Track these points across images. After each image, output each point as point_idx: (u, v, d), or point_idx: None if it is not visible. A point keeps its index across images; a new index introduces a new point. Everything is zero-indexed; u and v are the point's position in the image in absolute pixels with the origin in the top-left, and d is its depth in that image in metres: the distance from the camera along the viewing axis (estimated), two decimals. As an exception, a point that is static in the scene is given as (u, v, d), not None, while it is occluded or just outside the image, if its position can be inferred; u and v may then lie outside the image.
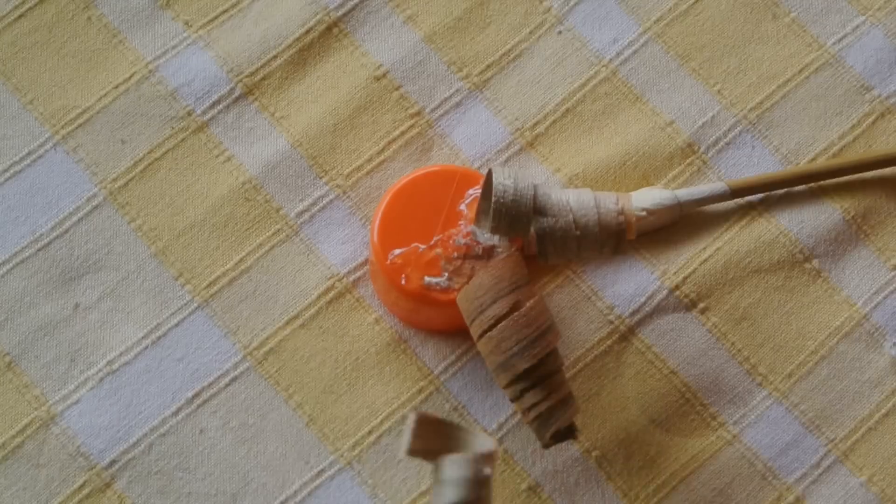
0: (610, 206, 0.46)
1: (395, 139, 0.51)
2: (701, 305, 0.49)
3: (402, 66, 0.52)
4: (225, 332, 0.48)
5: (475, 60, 0.52)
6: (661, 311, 0.49)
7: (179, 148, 0.50)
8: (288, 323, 0.48)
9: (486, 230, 0.45)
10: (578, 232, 0.45)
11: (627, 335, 0.48)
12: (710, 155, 0.51)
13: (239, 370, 0.48)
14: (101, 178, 0.50)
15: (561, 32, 0.52)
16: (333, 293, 0.49)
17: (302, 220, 0.50)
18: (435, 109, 0.51)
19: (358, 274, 0.49)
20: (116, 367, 0.48)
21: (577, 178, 0.50)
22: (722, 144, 0.51)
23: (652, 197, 0.48)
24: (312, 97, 0.51)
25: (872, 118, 0.51)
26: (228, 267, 0.49)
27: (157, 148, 0.50)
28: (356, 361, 0.48)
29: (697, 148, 0.51)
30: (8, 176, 0.50)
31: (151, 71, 0.51)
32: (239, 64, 0.51)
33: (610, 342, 0.48)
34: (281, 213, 0.50)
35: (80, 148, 0.50)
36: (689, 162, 0.51)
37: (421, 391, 0.48)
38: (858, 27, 0.52)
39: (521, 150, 0.51)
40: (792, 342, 0.48)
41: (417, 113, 0.51)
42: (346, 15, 0.52)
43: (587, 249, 0.46)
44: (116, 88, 0.51)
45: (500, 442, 0.47)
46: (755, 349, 0.48)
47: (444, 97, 0.51)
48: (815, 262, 0.49)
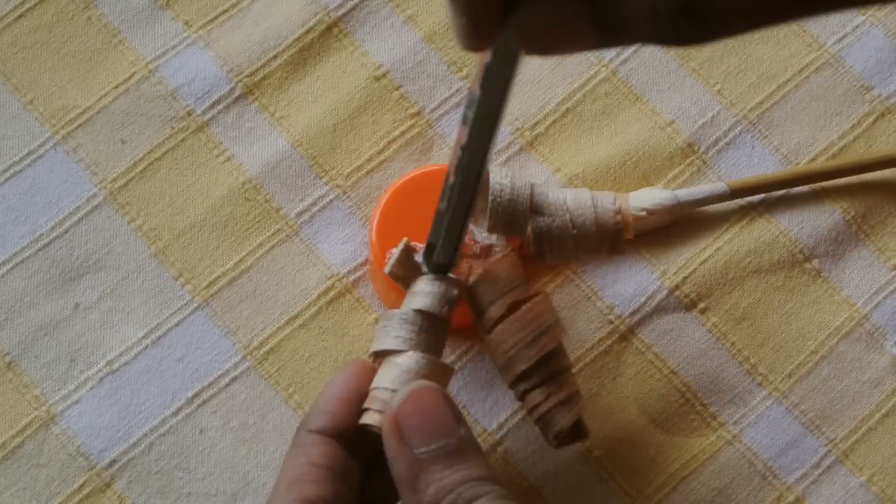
0: (607, 205, 0.46)
1: (395, 139, 0.51)
2: (701, 305, 0.49)
3: (402, 65, 0.52)
4: (225, 331, 0.48)
5: (475, 60, 0.52)
6: (661, 311, 0.49)
7: (179, 148, 0.50)
8: (288, 323, 0.48)
9: (483, 229, 0.45)
10: (575, 231, 0.45)
11: (627, 335, 0.48)
12: (710, 155, 0.51)
13: (239, 370, 0.48)
14: (101, 178, 0.50)
15: (561, 32, 0.52)
16: (333, 293, 0.49)
17: (302, 220, 0.50)
18: (435, 109, 0.51)
19: (358, 274, 0.49)
20: (116, 367, 0.48)
21: (577, 178, 0.50)
22: (722, 144, 0.51)
23: (652, 197, 0.48)
24: (312, 97, 0.51)
25: (872, 118, 0.51)
26: (228, 267, 0.49)
27: (157, 148, 0.50)
28: (356, 361, 0.48)
29: (697, 148, 0.51)
30: (8, 176, 0.50)
31: (151, 71, 0.51)
32: (239, 64, 0.51)
33: (610, 342, 0.48)
34: (281, 213, 0.50)
35: (80, 148, 0.50)
36: (689, 162, 0.51)
37: (421, 391, 0.48)
38: (858, 27, 0.52)
39: (521, 149, 0.51)
40: (792, 342, 0.48)
41: (417, 113, 0.51)
42: (346, 15, 0.52)
43: (584, 249, 0.46)
44: (116, 88, 0.51)
45: (499, 442, 0.47)
46: (755, 349, 0.48)
47: (444, 97, 0.51)
48: (815, 262, 0.49)
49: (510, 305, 0.43)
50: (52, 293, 0.48)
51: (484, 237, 0.46)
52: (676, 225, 0.50)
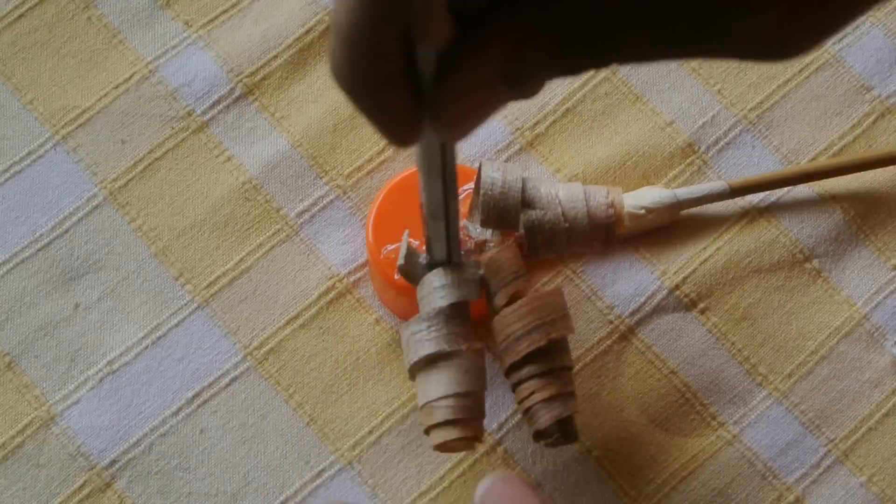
0: (600, 199, 0.46)
1: (395, 139, 0.51)
2: (701, 305, 0.49)
3: (402, 66, 0.51)
4: (225, 332, 0.48)
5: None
6: (661, 310, 0.49)
7: (179, 148, 0.50)
8: (288, 323, 0.48)
9: (478, 224, 0.46)
10: (567, 224, 0.45)
11: (627, 335, 0.48)
12: (710, 155, 0.51)
13: (239, 370, 0.48)
14: (101, 178, 0.50)
15: (561, 32, 0.52)
16: (334, 293, 0.49)
17: (302, 220, 0.50)
18: (435, 109, 0.51)
19: (358, 274, 0.49)
20: (116, 367, 0.48)
21: (576, 178, 0.50)
22: (722, 144, 0.51)
23: (651, 196, 0.48)
24: (312, 97, 0.51)
25: (872, 118, 0.51)
26: (228, 267, 0.49)
27: (157, 148, 0.50)
28: (356, 361, 0.48)
29: (697, 148, 0.51)
30: (8, 176, 0.50)
31: (151, 71, 0.51)
32: (239, 64, 0.51)
33: (610, 342, 0.48)
34: (281, 213, 0.50)
35: (80, 148, 0.50)
36: (689, 162, 0.51)
37: (421, 391, 0.48)
38: (858, 27, 0.52)
39: (521, 149, 0.51)
40: (792, 342, 0.48)
41: (417, 113, 0.51)
42: (346, 15, 0.52)
43: (577, 242, 0.46)
44: (116, 88, 0.51)
45: (499, 442, 0.47)
46: (755, 349, 0.48)
47: (444, 97, 0.51)
48: (815, 262, 0.49)
49: (514, 295, 0.43)
50: (52, 293, 0.48)
51: (479, 232, 0.46)
52: (676, 225, 0.50)
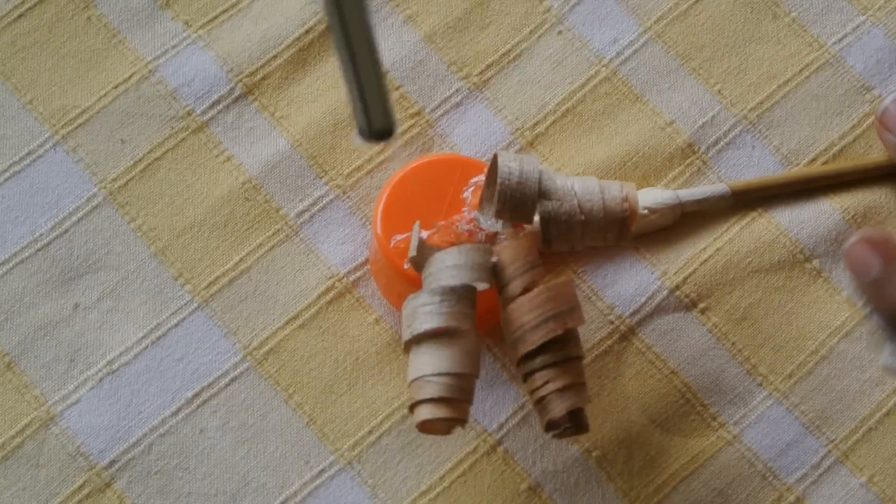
0: (615, 193, 0.46)
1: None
2: (701, 305, 0.49)
3: (402, 65, 0.51)
4: (225, 332, 0.48)
5: (475, 60, 0.52)
6: (661, 311, 0.49)
7: (179, 148, 0.50)
8: (288, 323, 0.48)
9: (489, 216, 0.45)
10: (583, 216, 0.45)
11: (628, 335, 0.48)
12: (710, 155, 0.51)
13: (239, 370, 0.48)
14: (100, 177, 0.50)
15: (561, 32, 0.52)
16: (333, 293, 0.49)
17: (302, 220, 0.50)
18: (435, 109, 0.51)
19: (358, 274, 0.49)
20: (116, 367, 0.48)
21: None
22: (722, 144, 0.51)
23: (654, 196, 0.48)
24: (312, 97, 0.51)
25: (872, 118, 0.51)
26: (228, 267, 0.49)
27: (156, 148, 0.50)
28: (356, 361, 0.48)
29: (697, 148, 0.51)
30: (8, 176, 0.50)
31: (151, 71, 0.51)
32: (239, 64, 0.51)
33: (610, 342, 0.48)
34: (281, 213, 0.50)
35: (79, 148, 0.50)
36: (689, 162, 0.51)
37: (421, 391, 0.48)
38: (858, 27, 0.52)
39: (521, 149, 0.51)
40: (792, 342, 0.48)
41: (417, 113, 0.51)
42: (346, 15, 0.52)
43: (591, 235, 0.45)
44: (116, 88, 0.51)
45: (499, 442, 0.47)
46: (755, 349, 0.48)
47: (444, 97, 0.51)
48: (815, 262, 0.49)
49: (527, 285, 0.43)
50: (51, 293, 0.48)
51: (489, 224, 0.45)
52: (677, 225, 0.50)
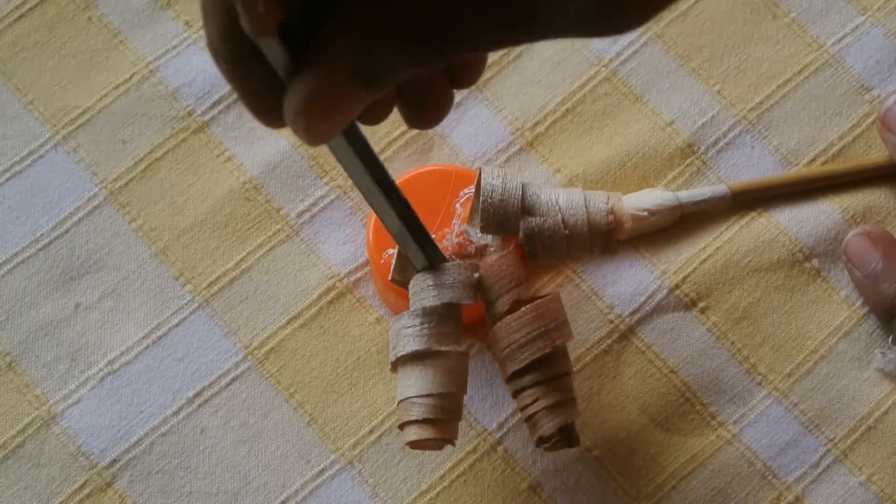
0: (600, 205, 0.46)
1: (395, 139, 0.51)
2: (701, 305, 0.49)
3: (402, 66, 0.51)
4: (226, 331, 0.48)
5: (475, 60, 0.52)
6: (660, 310, 0.49)
7: (180, 148, 0.50)
8: (289, 322, 0.48)
9: (477, 229, 0.46)
10: (567, 231, 0.45)
11: (627, 334, 0.48)
12: (709, 155, 0.51)
13: (240, 370, 0.48)
14: (101, 178, 0.50)
15: (561, 32, 0.52)
16: (334, 293, 0.49)
17: (302, 220, 0.50)
18: (435, 109, 0.51)
19: (359, 274, 0.49)
20: (117, 366, 0.48)
21: (577, 178, 0.50)
22: (722, 145, 0.51)
23: (653, 198, 0.48)
24: (313, 97, 0.51)
25: (872, 118, 0.51)
26: (229, 267, 0.49)
27: (157, 148, 0.50)
28: (357, 361, 0.48)
29: (697, 148, 0.51)
30: (9, 176, 0.50)
31: (152, 71, 0.51)
32: (239, 64, 0.51)
33: (610, 341, 0.48)
34: (281, 213, 0.50)
35: (80, 148, 0.50)
36: (688, 162, 0.51)
37: (421, 391, 0.48)
38: (858, 27, 0.52)
39: (521, 150, 0.51)
40: (792, 341, 0.49)
41: (418, 113, 0.51)
42: (346, 15, 0.52)
43: (576, 248, 0.46)
44: (117, 88, 0.51)
45: (499, 442, 0.47)
46: (755, 348, 0.48)
47: (444, 97, 0.51)
48: (814, 261, 0.49)
49: (514, 302, 0.43)
50: (52, 293, 0.48)
51: (479, 237, 0.46)
52: (676, 225, 0.50)
